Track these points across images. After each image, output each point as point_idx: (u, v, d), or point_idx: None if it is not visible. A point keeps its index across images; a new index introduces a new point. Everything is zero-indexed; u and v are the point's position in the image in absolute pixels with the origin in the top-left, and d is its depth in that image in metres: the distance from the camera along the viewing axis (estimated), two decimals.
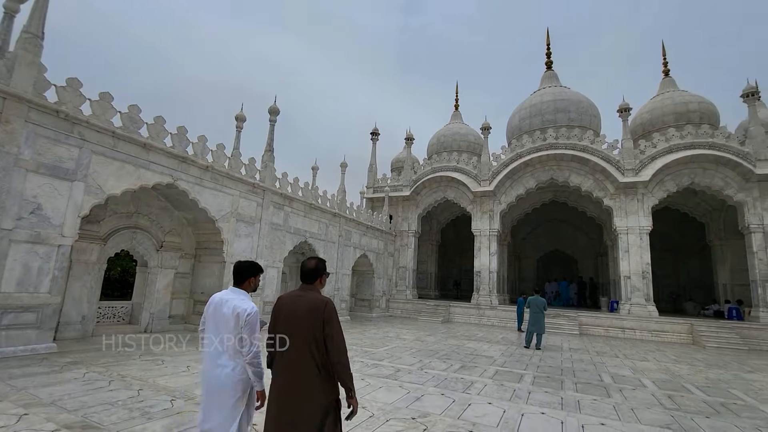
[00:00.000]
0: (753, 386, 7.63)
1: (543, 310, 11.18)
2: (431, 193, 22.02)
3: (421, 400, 5.29)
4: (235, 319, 2.60)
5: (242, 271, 2.82)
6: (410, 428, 4.20)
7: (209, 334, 2.71)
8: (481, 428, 4.32)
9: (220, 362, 2.63)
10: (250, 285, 2.85)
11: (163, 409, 4.38)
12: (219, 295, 2.79)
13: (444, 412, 4.85)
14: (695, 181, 16.53)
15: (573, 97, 22.16)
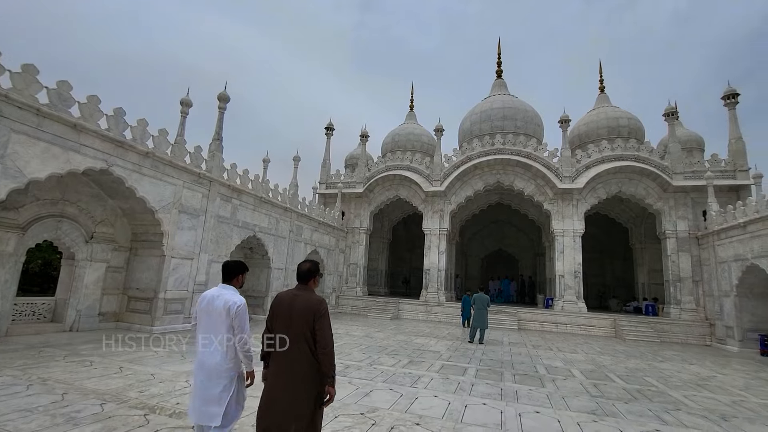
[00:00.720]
0: (664, 374, 8.60)
1: (486, 307, 11.77)
2: (384, 191, 22.22)
3: (369, 396, 5.36)
4: (227, 311, 2.93)
5: (231, 270, 3.13)
6: (359, 423, 4.24)
7: (202, 326, 3.02)
8: (427, 420, 4.47)
9: (211, 351, 2.93)
10: (238, 282, 3.17)
11: (91, 414, 4.05)
12: (210, 292, 3.08)
13: (392, 406, 4.96)
14: (622, 190, 18.21)
15: (520, 106, 23.41)
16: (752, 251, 12.85)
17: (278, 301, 2.91)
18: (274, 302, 2.93)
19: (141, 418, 4.03)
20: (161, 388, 5.11)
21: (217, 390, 2.87)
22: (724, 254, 14.57)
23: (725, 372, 9.39)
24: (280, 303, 2.89)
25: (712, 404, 6.22)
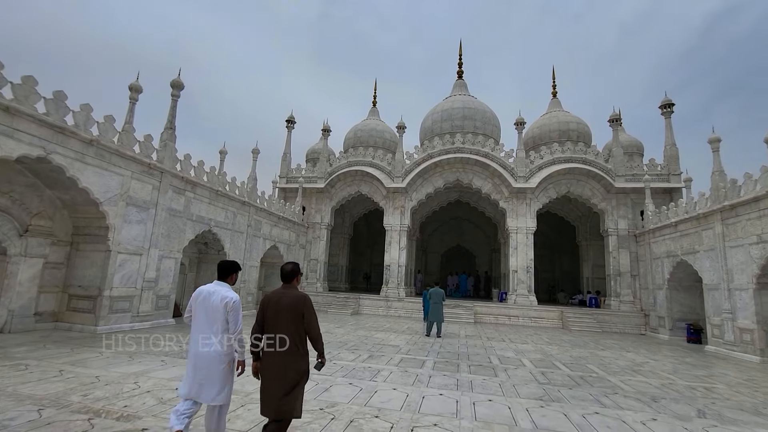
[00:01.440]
0: (604, 361, 9.31)
1: (442, 301, 12.13)
2: (346, 187, 22.14)
3: (329, 391, 5.38)
4: (224, 306, 3.31)
5: (226, 269, 3.52)
6: (318, 418, 4.26)
7: (199, 319, 3.36)
8: (386, 413, 4.58)
9: (209, 342, 3.28)
10: (232, 279, 3.55)
11: (27, 421, 3.77)
12: (206, 288, 3.44)
13: (351, 400, 5.02)
14: (571, 190, 19.36)
15: (479, 107, 24.15)
16: (681, 248, 14.16)
17: (267, 300, 3.35)
18: (264, 300, 3.37)
19: (85, 423, 3.81)
20: (107, 390, 4.85)
21: (216, 374, 3.25)
22: (658, 251, 15.93)
23: (656, 358, 10.31)
24: (270, 301, 3.32)
25: (645, 387, 6.83)
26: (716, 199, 12.28)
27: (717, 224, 12.13)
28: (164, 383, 5.30)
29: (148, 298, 10.73)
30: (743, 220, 11.13)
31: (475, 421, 4.47)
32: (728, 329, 11.61)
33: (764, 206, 10.34)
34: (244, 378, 4.50)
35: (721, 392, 6.79)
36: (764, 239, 10.32)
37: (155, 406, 4.38)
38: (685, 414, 5.33)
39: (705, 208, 12.67)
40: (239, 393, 4.84)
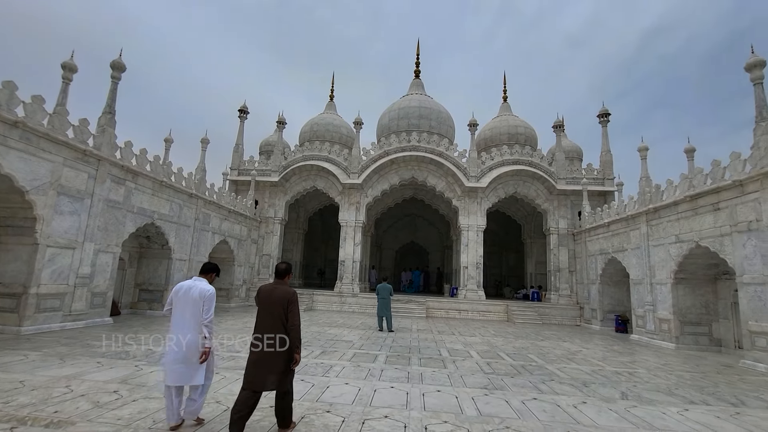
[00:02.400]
0: (543, 351, 9.99)
1: (389, 296, 12.39)
2: (301, 181, 21.77)
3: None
4: (201, 297, 3.83)
5: (206, 269, 4.18)
6: (268, 416, 4.22)
7: (178, 311, 3.84)
8: (337, 407, 4.63)
9: (189, 329, 3.76)
10: (211, 278, 4.14)
11: None
12: (186, 283, 3.96)
13: (303, 396, 5.01)
14: (518, 191, 20.44)
15: (435, 107, 24.72)
16: (612, 246, 15.48)
17: (261, 292, 3.90)
18: (258, 292, 3.91)
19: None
20: (34, 396, 4.46)
21: (197, 359, 3.75)
22: (593, 249, 17.30)
23: (589, 347, 11.24)
24: (262, 293, 3.88)
25: (578, 374, 7.44)
26: (642, 203, 13.56)
27: (643, 225, 13.41)
28: (101, 386, 4.98)
29: (82, 295, 9.93)
30: (664, 222, 12.39)
31: (424, 411, 4.65)
32: (650, 320, 12.90)
33: (682, 210, 11.58)
34: None
35: (642, 376, 7.56)
36: (681, 239, 11.57)
37: (91, 410, 4.11)
38: (611, 396, 5.90)
39: (633, 211, 13.94)
40: None
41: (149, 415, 4.06)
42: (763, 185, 8.92)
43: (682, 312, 11.86)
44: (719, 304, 11.71)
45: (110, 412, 4.10)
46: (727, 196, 9.95)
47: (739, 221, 9.58)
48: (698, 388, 6.72)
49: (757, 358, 8.97)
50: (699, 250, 10.93)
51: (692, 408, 5.49)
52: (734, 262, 9.71)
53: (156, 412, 4.16)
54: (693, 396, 6.18)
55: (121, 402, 4.43)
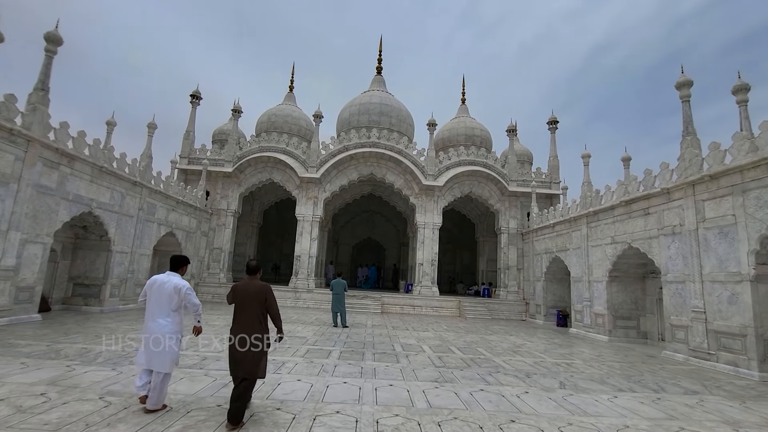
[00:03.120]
0: (491, 345, 10.45)
1: (343, 291, 12.40)
2: (257, 173, 21.07)
3: (228, 387, 5.16)
4: (177, 292, 4.18)
5: (177, 262, 4.46)
6: (215, 415, 4.09)
7: (152, 303, 4.18)
8: (288, 404, 4.57)
9: (161, 320, 4.14)
10: (183, 271, 4.49)
11: None
12: (160, 277, 4.28)
13: (252, 395, 4.88)
14: (473, 191, 21.14)
15: (395, 105, 24.89)
16: (556, 246, 16.47)
17: (237, 288, 4.28)
18: (234, 288, 4.30)
19: None
20: None
21: (167, 347, 4.09)
22: (539, 248, 18.31)
23: (532, 340, 11.91)
24: (239, 289, 4.27)
25: (521, 365, 7.87)
26: (584, 206, 14.54)
27: (583, 227, 14.39)
28: (25, 389, 4.55)
29: (5, 289, 9.00)
30: (602, 224, 13.38)
31: (376, 405, 4.71)
32: (587, 314, 13.90)
33: (618, 213, 12.56)
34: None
35: (578, 367, 8.15)
36: (616, 240, 12.56)
37: (12, 416, 3.75)
38: (551, 386, 6.30)
39: (575, 213, 14.92)
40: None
41: (81, 419, 3.77)
42: (687, 193, 9.89)
43: (615, 307, 12.89)
44: (647, 300, 12.86)
45: (35, 417, 3.77)
46: (656, 202, 10.93)
47: (665, 225, 10.57)
48: (626, 377, 7.36)
49: (676, 348, 9.97)
50: (631, 251, 11.92)
51: (620, 395, 6.00)
52: (660, 262, 10.70)
53: (89, 414, 3.87)
54: (621, 384, 6.75)
55: (49, 405, 4.08)
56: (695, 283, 9.46)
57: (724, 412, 5.36)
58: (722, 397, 6.26)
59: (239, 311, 4.16)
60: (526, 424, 4.42)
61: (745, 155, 8.39)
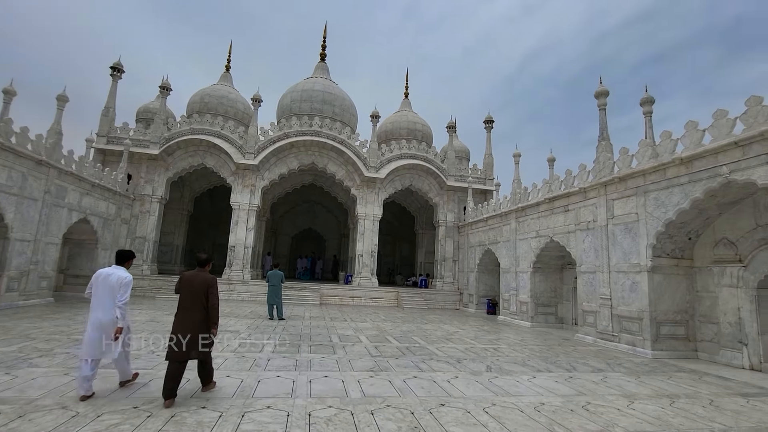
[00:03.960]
0: (426, 333, 10.84)
1: (280, 283, 12.11)
2: (187, 157, 19.62)
3: (148, 386, 4.79)
4: (119, 284, 4.38)
5: (123, 256, 4.73)
6: (132, 417, 3.77)
7: (98, 295, 4.37)
8: (214, 402, 4.35)
9: (107, 310, 4.31)
10: (128, 264, 4.72)
11: None
12: (105, 270, 4.51)
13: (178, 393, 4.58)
14: (413, 184, 21.61)
15: (339, 94, 24.50)
16: (489, 239, 17.46)
17: (184, 278, 4.57)
18: (182, 278, 4.58)
19: None
20: None
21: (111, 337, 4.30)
22: (473, 240, 19.28)
23: (464, 328, 12.55)
24: (185, 279, 4.56)
25: (453, 352, 8.26)
26: (514, 202, 15.55)
27: (513, 221, 15.39)
28: None
29: None
30: (529, 219, 14.41)
31: (309, 398, 4.66)
32: (513, 302, 14.96)
33: (542, 209, 13.60)
34: None
35: (504, 351, 8.75)
36: (540, 234, 13.61)
37: None
38: (478, 370, 6.70)
39: (506, 208, 15.90)
40: None
41: None
42: (600, 193, 10.97)
43: (537, 296, 14.02)
44: (564, 289, 14.15)
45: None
46: (575, 200, 12.00)
47: (581, 221, 11.65)
48: (544, 359, 8.05)
49: (586, 332, 11.10)
50: (552, 244, 13.01)
51: (539, 375, 6.55)
52: (576, 255, 11.81)
53: None
54: (540, 365, 7.38)
55: None
56: (604, 273, 10.58)
57: (623, 387, 6.09)
58: (622, 373, 7.10)
59: (184, 299, 4.47)
60: (455, 406, 4.65)
61: (647, 161, 9.50)
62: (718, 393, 6.04)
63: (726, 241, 8.80)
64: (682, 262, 9.49)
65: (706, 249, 9.24)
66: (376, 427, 3.86)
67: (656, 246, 9.24)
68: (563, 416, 4.54)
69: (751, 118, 7.32)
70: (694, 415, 4.86)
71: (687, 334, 9.31)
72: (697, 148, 8.24)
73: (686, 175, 8.53)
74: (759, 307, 8.19)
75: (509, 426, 4.11)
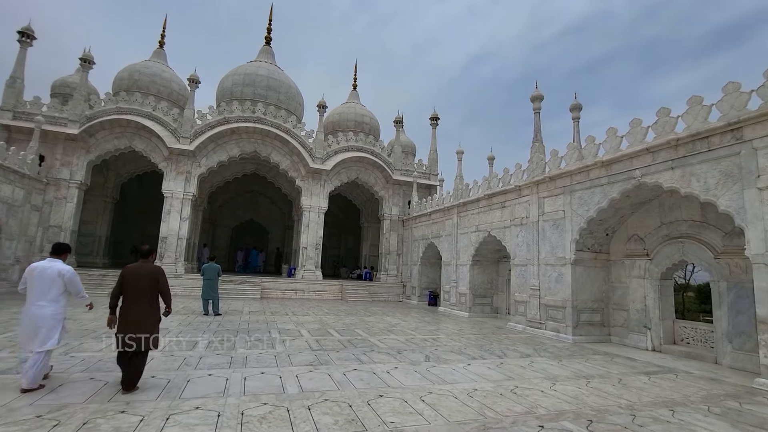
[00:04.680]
0: (368, 325, 10.92)
1: (217, 276, 11.53)
2: (113, 139, 17.86)
3: (56, 392, 4.32)
4: (60, 277, 4.50)
5: (59, 250, 4.76)
6: (36, 427, 3.37)
7: (34, 289, 4.40)
8: (136, 405, 4.02)
9: (42, 304, 4.38)
10: (64, 257, 4.77)
11: None
12: (40, 264, 4.54)
13: (89, 398, 4.18)
14: (359, 177, 21.56)
15: (285, 80, 23.64)
16: (432, 233, 17.96)
17: (128, 271, 4.60)
18: (125, 272, 4.59)
19: None
20: None
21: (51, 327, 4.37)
22: (417, 234, 19.72)
23: (406, 320, 12.83)
24: (130, 271, 4.60)
25: (394, 343, 8.41)
26: (456, 197, 16.12)
27: (455, 216, 15.96)
28: None
29: None
30: (469, 215, 15.03)
31: (243, 396, 4.47)
32: (453, 294, 15.57)
33: (482, 205, 14.24)
34: None
35: (443, 341, 9.08)
36: (479, 229, 14.25)
37: None
38: (417, 360, 6.88)
39: (449, 203, 16.44)
40: None
41: None
42: (533, 191, 11.72)
43: (475, 287, 14.72)
44: (499, 281, 14.99)
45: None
46: (511, 197, 12.71)
47: (516, 217, 12.38)
48: (479, 347, 8.48)
49: (518, 320, 11.87)
50: (490, 239, 13.69)
51: (473, 363, 6.89)
52: (510, 249, 12.54)
53: None
54: (475, 353, 7.76)
55: None
56: (534, 266, 11.35)
57: (546, 370, 6.59)
58: (547, 357, 7.69)
59: (130, 290, 4.50)
60: (392, 397, 4.73)
61: (574, 162, 10.29)
62: (626, 372, 6.76)
63: (636, 237, 9.84)
64: (600, 255, 10.46)
65: (620, 244, 10.27)
66: (313, 422, 3.81)
67: (579, 241, 10.08)
68: (493, 400, 4.81)
69: (660, 128, 8.21)
70: (605, 393, 5.39)
71: (602, 320, 10.31)
72: (616, 152, 9.09)
73: (606, 177, 9.37)
74: (661, 296, 9.29)
75: (443, 412, 4.27)
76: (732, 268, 7.81)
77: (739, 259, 7.53)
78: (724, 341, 7.83)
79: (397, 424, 3.88)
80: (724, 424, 4.35)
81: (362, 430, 3.69)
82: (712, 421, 4.43)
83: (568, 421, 4.20)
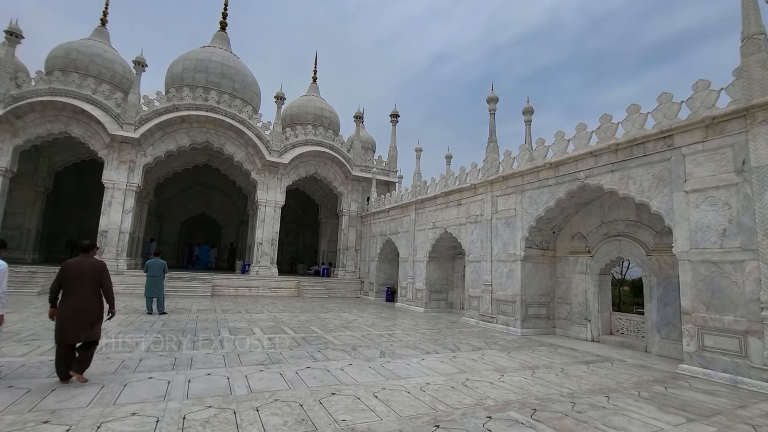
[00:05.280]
0: (324, 322, 10.78)
1: (162, 273, 10.90)
2: (45, 123, 16.27)
3: None
4: None
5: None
6: None
7: None
8: (63, 414, 3.67)
9: None
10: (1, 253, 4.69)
11: None
12: None
13: (8, 407, 3.77)
14: (318, 172, 21.22)
15: (241, 69, 22.71)
16: (390, 229, 18.06)
17: (69, 266, 4.52)
18: (65, 267, 4.53)
19: None
20: None
21: None
22: (375, 230, 19.76)
23: (363, 316, 12.82)
24: (71, 266, 4.53)
25: (350, 340, 8.36)
26: (414, 194, 16.30)
27: (413, 213, 16.15)
28: None
29: None
30: (427, 211, 15.26)
31: (185, 399, 4.23)
32: (410, 290, 15.77)
33: (439, 203, 14.50)
34: None
35: (398, 336, 9.16)
36: (436, 226, 14.52)
37: None
38: (373, 356, 6.88)
39: (407, 200, 16.60)
40: None
41: None
42: (487, 190, 12.10)
43: (431, 283, 15.00)
44: (454, 277, 15.38)
45: None
46: (467, 195, 13.04)
47: (471, 215, 12.73)
48: (433, 341, 8.64)
49: (471, 315, 12.25)
50: (446, 235, 13.99)
51: (427, 357, 7.00)
52: (465, 245, 12.88)
53: None
54: (429, 348, 7.89)
55: None
56: (487, 262, 11.74)
57: (496, 362, 6.84)
58: (497, 350, 7.99)
59: (73, 285, 4.43)
60: (345, 394, 4.69)
61: (525, 163, 10.74)
62: (568, 362, 7.17)
63: (579, 235, 10.46)
64: (547, 252, 11.02)
65: (565, 241, 10.87)
66: (261, 424, 3.68)
67: (528, 238, 10.55)
68: (445, 393, 4.90)
69: (603, 133, 8.75)
70: (549, 382, 5.68)
71: (548, 313, 10.88)
72: (563, 155, 9.58)
73: (554, 178, 9.86)
74: (600, 290, 9.95)
75: (396, 408, 4.28)
76: (661, 264, 8.52)
77: (668, 256, 8.22)
78: (653, 331, 8.54)
79: (349, 421, 3.84)
80: (652, 408, 4.73)
81: (312, 429, 3.61)
82: (642, 405, 4.80)
83: (514, 411, 4.37)
